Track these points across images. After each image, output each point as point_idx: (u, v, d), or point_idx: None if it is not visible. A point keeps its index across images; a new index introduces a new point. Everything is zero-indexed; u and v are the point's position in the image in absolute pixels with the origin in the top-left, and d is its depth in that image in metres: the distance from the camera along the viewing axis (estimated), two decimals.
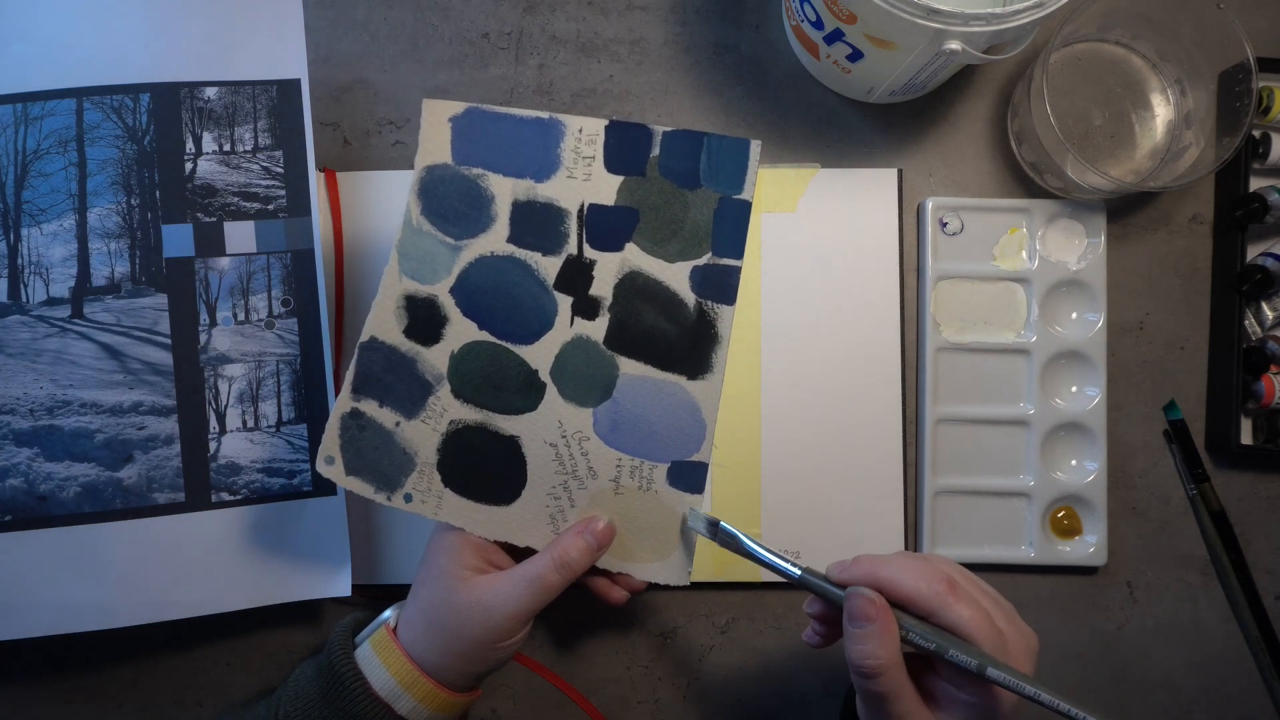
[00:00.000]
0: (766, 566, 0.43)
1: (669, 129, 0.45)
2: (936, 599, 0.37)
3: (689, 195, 0.45)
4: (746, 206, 0.45)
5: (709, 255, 0.45)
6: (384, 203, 0.56)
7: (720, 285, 0.45)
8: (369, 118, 0.58)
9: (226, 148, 0.51)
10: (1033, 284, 0.56)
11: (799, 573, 0.41)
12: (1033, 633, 0.39)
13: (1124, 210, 0.58)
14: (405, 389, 0.46)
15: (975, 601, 0.38)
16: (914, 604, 0.38)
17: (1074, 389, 0.57)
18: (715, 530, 0.44)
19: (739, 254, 0.45)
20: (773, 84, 0.58)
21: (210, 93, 0.51)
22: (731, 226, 0.45)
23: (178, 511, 0.51)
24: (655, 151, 0.45)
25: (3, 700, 0.56)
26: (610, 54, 0.59)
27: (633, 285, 0.46)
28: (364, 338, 0.46)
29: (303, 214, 0.52)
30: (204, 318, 0.51)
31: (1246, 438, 0.56)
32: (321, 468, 0.46)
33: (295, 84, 0.51)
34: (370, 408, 0.46)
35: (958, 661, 0.36)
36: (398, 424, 0.46)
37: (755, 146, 0.45)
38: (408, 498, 0.46)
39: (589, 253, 0.46)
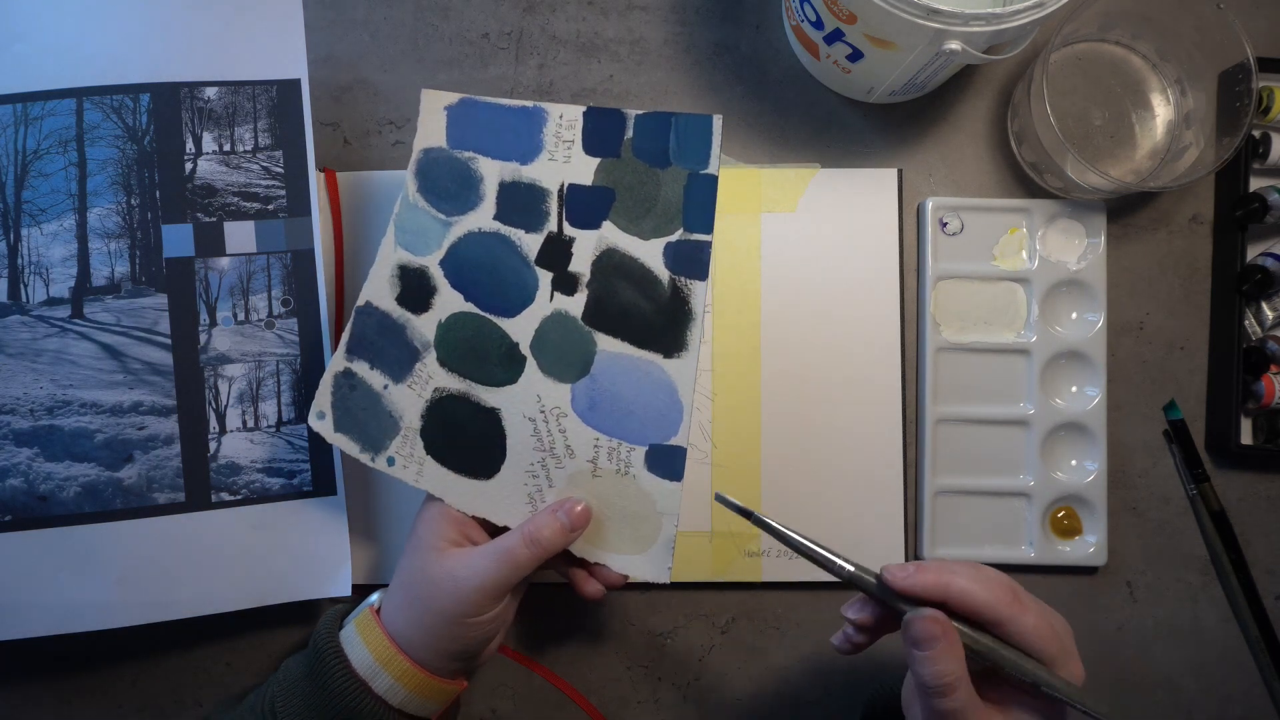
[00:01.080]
0: (812, 559, 0.41)
1: (640, 112, 0.47)
2: (1005, 609, 0.38)
3: (660, 174, 0.47)
4: (713, 181, 0.46)
5: (680, 231, 0.46)
6: (384, 203, 0.56)
7: (692, 261, 0.46)
8: (369, 118, 0.58)
9: (226, 148, 0.51)
10: (1033, 284, 0.56)
11: (851, 569, 0.40)
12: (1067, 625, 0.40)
13: (1124, 210, 0.58)
14: (395, 353, 0.48)
15: (1037, 609, 0.38)
16: (981, 614, 0.38)
17: (1074, 389, 0.57)
18: (750, 516, 0.42)
19: (708, 229, 0.46)
20: (773, 84, 0.58)
21: (210, 93, 0.51)
22: (700, 202, 0.46)
23: (178, 511, 0.51)
24: (629, 134, 0.47)
25: (3, 700, 0.56)
26: (610, 54, 0.59)
27: (610, 262, 0.47)
28: (360, 302, 0.49)
29: (303, 214, 0.52)
30: (204, 318, 0.51)
31: (1246, 438, 0.56)
32: (312, 422, 0.49)
33: (295, 84, 0.51)
34: (362, 369, 0.49)
35: (1044, 688, 0.37)
36: (385, 387, 0.48)
37: (717, 121, 0.46)
38: (390, 461, 0.48)
39: (568, 230, 0.48)
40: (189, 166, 0.51)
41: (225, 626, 0.54)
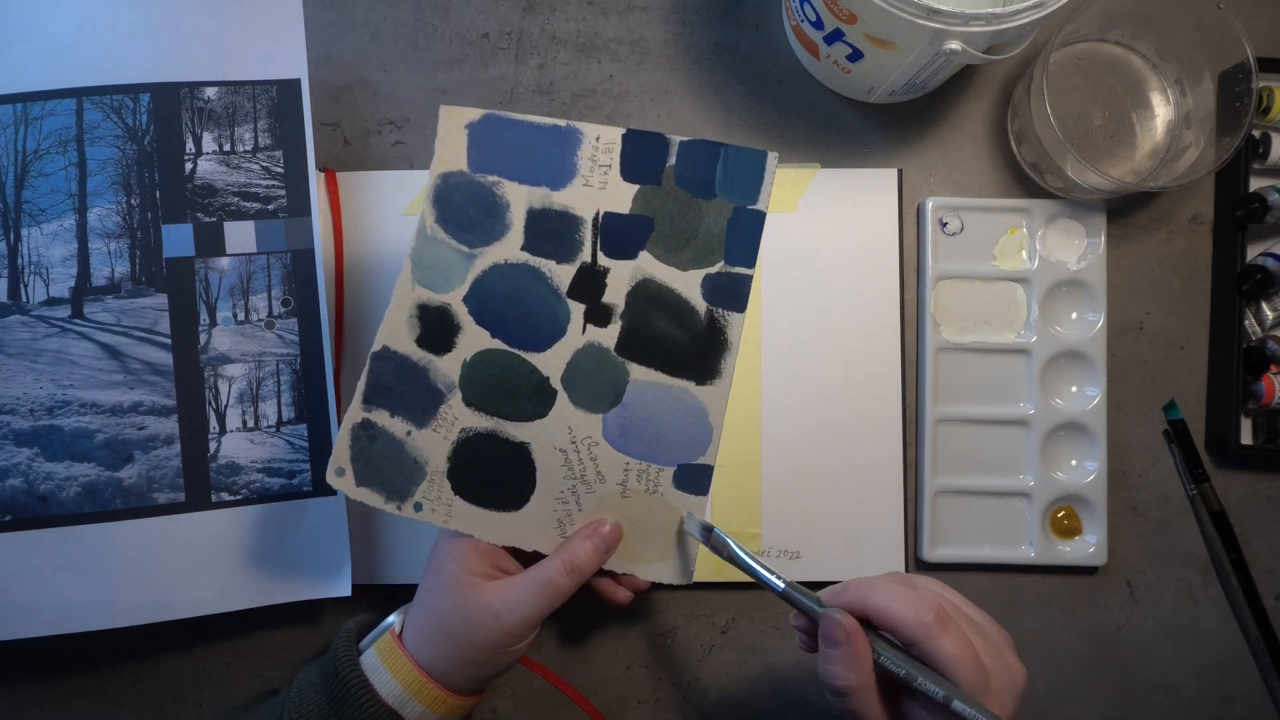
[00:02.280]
0: (753, 576, 0.43)
1: (685, 139, 0.45)
2: (922, 630, 0.37)
3: (704, 205, 0.45)
4: (761, 217, 0.45)
5: (721, 264, 0.45)
6: (384, 203, 0.56)
7: (732, 293, 0.46)
8: (369, 118, 0.58)
9: (226, 148, 0.51)
10: (1033, 284, 0.56)
11: (782, 586, 0.42)
12: (1021, 668, 0.39)
13: (1124, 210, 0.58)
14: (417, 398, 0.46)
15: (962, 636, 0.38)
16: (899, 632, 0.38)
17: (1074, 389, 0.57)
18: (709, 535, 0.45)
19: (751, 263, 0.45)
20: (773, 84, 0.58)
21: (210, 93, 0.51)
22: (745, 236, 0.45)
23: (178, 511, 0.51)
24: (671, 161, 0.45)
25: (3, 700, 0.56)
26: (610, 54, 0.59)
27: (645, 293, 0.46)
28: (375, 347, 0.46)
29: (303, 214, 0.52)
30: (204, 318, 0.51)
31: (1246, 438, 0.56)
32: (332, 479, 0.46)
33: (295, 84, 0.51)
34: (381, 418, 0.46)
35: (925, 691, 0.37)
36: (409, 433, 0.46)
37: (772, 158, 0.45)
38: (418, 506, 0.46)
39: (603, 260, 0.46)
40: (189, 166, 0.51)
41: (225, 626, 0.54)
